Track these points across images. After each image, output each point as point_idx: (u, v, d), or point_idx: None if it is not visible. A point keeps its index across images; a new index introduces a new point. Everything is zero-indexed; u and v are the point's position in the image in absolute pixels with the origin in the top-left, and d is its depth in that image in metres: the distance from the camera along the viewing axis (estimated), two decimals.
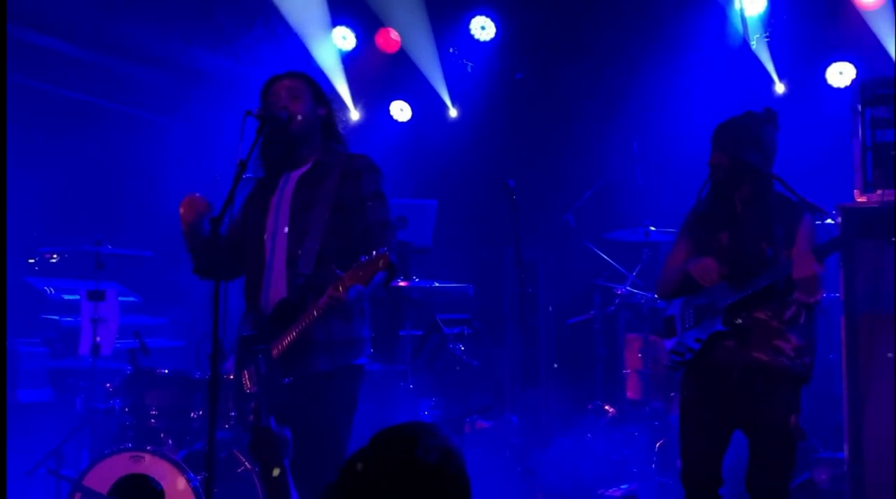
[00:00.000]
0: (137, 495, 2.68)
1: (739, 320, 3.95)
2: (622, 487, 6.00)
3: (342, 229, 3.75)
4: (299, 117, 3.80)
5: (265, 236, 3.81)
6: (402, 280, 6.19)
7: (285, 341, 3.63)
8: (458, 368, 6.45)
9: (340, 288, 3.46)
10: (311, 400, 3.69)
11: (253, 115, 3.67)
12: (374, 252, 3.42)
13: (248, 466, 4.95)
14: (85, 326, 5.67)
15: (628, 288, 6.65)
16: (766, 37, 7.39)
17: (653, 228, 6.45)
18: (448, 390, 6.39)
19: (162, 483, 4.59)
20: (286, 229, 3.76)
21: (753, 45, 7.41)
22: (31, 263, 7.36)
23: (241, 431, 3.91)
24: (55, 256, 6.50)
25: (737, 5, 7.34)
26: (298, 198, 3.79)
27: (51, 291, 7.03)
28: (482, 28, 8.11)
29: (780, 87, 7.47)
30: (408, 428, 2.00)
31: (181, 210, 3.85)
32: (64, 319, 6.83)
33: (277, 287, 3.74)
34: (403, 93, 8.60)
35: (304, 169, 3.85)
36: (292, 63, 7.01)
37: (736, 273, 3.96)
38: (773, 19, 7.35)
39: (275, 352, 3.65)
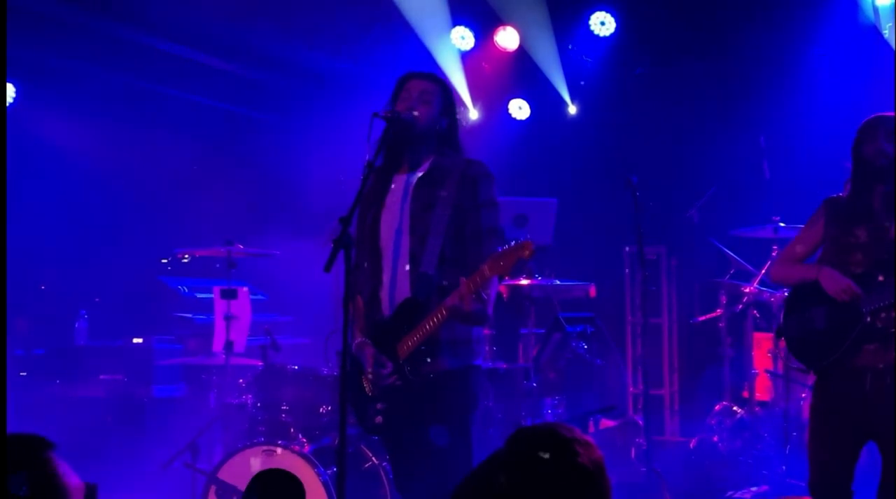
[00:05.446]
0: (275, 490, 2.70)
1: (880, 324, 3.79)
2: (752, 489, 5.86)
3: (458, 232, 3.77)
4: (423, 121, 3.81)
5: (383, 236, 3.83)
6: (524, 278, 6.19)
7: (412, 341, 3.64)
8: (580, 366, 6.41)
9: (467, 291, 3.48)
10: (438, 399, 3.68)
11: (379, 117, 3.72)
12: (513, 242, 3.43)
13: (375, 461, 5.04)
14: (218, 324, 5.83)
15: (757, 286, 6.48)
16: None
17: (782, 224, 6.27)
18: (571, 388, 6.35)
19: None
20: (408, 229, 3.78)
21: (885, 34, 7.13)
22: (165, 262, 7.64)
23: (362, 431, 3.95)
24: (187, 255, 6.72)
25: None
26: (419, 199, 3.80)
27: (184, 290, 7.29)
28: (602, 24, 8.01)
29: None
30: (552, 430, 1.95)
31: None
32: (197, 316, 7.07)
33: (401, 286, 3.74)
34: (522, 91, 8.58)
35: (422, 170, 3.86)
36: (412, 64, 7.07)
37: (880, 271, 3.81)
38: None
39: (401, 351, 3.67)
